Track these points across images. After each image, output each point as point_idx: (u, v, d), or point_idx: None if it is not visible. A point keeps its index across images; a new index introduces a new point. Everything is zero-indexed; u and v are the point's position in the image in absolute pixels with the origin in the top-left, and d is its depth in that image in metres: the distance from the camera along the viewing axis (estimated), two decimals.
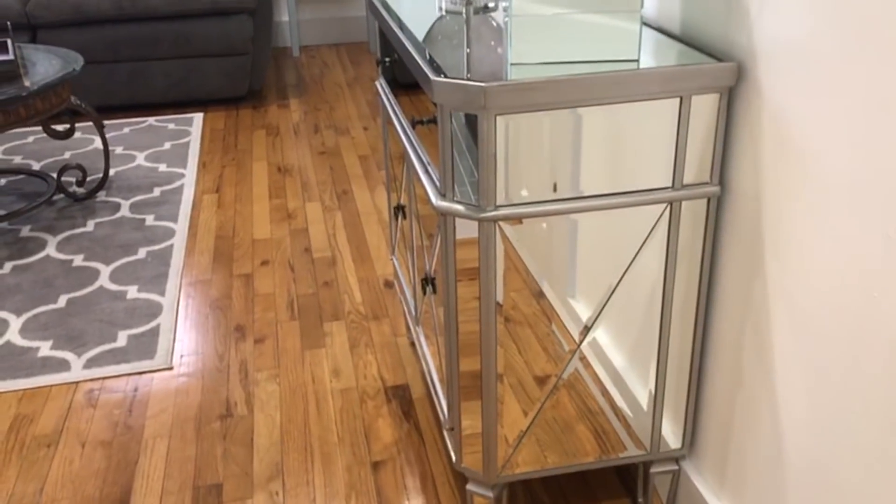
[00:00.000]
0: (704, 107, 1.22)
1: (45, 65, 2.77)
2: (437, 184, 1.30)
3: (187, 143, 3.51)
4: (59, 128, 3.52)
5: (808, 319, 1.11)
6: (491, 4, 1.70)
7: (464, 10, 1.69)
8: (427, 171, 1.38)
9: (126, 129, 3.69)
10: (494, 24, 1.51)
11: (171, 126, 3.72)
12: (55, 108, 2.70)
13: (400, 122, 1.60)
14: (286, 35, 4.97)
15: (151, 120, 3.80)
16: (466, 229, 1.26)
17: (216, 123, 3.77)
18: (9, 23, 2.74)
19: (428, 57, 1.29)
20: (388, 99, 1.72)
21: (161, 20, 3.72)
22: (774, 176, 1.15)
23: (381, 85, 1.83)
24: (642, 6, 1.19)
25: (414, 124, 1.38)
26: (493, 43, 1.38)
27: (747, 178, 1.22)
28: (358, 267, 2.51)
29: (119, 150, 3.46)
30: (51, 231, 2.76)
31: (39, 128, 3.67)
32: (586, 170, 1.24)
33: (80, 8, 3.61)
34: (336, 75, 4.46)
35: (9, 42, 2.72)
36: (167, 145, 3.50)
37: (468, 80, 1.15)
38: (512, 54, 1.23)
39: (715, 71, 1.18)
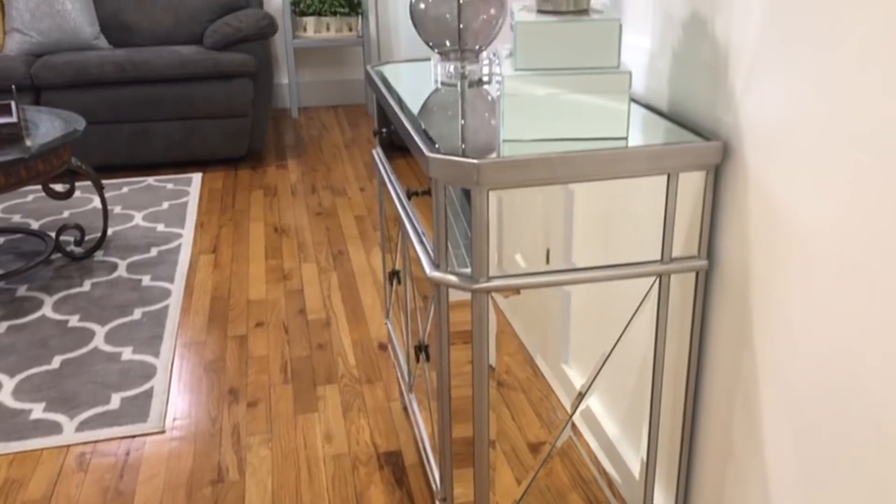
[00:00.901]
0: (692, 183, 1.25)
1: (48, 126, 2.81)
2: (431, 254, 1.32)
3: (185, 203, 3.55)
4: (59, 188, 3.56)
5: (795, 392, 1.13)
6: (485, 78, 1.75)
7: (459, 84, 1.73)
8: (422, 241, 1.40)
9: (125, 189, 3.73)
10: (489, 97, 1.56)
11: (170, 186, 3.76)
12: (56, 170, 2.74)
13: (396, 192, 1.63)
14: (286, 97, 5.06)
15: (151, 180, 3.85)
16: (460, 292, 1.28)
17: (215, 183, 3.82)
18: (14, 86, 2.79)
19: (423, 131, 1.33)
20: (385, 168, 1.75)
21: (163, 83, 3.79)
22: (761, 251, 1.18)
23: (377, 154, 1.86)
24: (630, 87, 1.23)
25: (409, 195, 1.41)
26: (486, 114, 1.42)
27: (735, 253, 1.25)
28: (352, 328, 2.52)
29: (118, 209, 3.49)
30: (47, 291, 2.77)
31: (39, 186, 3.71)
32: (578, 242, 1.27)
33: (83, 70, 3.68)
34: (334, 136, 4.53)
35: (13, 104, 2.77)
36: (165, 205, 3.53)
37: (462, 156, 1.19)
38: (505, 131, 1.26)
39: (701, 150, 1.22)
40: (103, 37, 4.06)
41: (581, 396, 1.40)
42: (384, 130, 1.78)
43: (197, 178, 3.87)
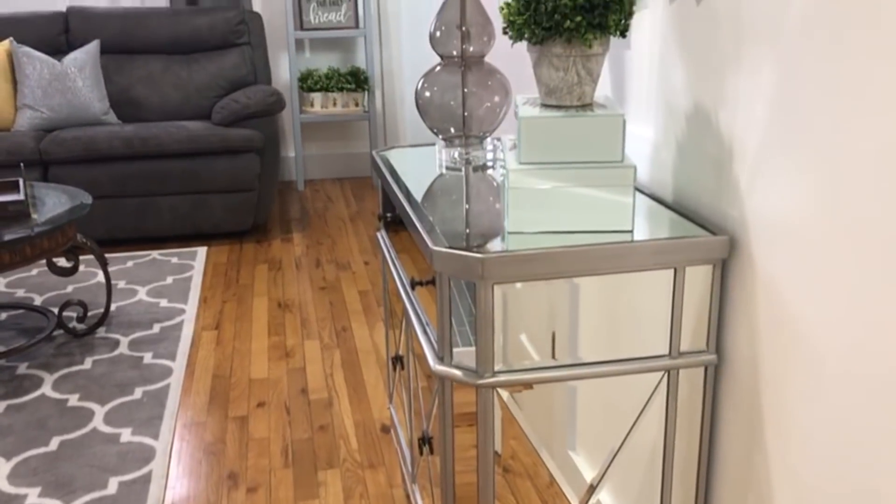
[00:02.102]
0: (699, 277, 1.24)
1: (54, 203, 2.83)
2: (435, 346, 1.30)
3: (189, 278, 3.55)
4: (65, 263, 3.56)
5: (810, 491, 1.09)
6: (489, 164, 1.75)
7: (463, 169, 1.74)
8: (426, 332, 1.38)
9: (130, 263, 3.74)
10: (493, 183, 1.56)
11: (175, 260, 3.77)
12: (61, 247, 2.75)
13: (400, 278, 1.62)
14: (292, 170, 5.11)
15: (155, 254, 3.85)
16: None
17: (219, 257, 3.82)
18: (22, 164, 2.82)
19: (428, 222, 1.32)
20: (389, 252, 1.75)
21: (170, 158, 3.83)
22: (770, 345, 1.16)
23: (382, 237, 1.86)
24: (635, 181, 1.23)
25: (413, 285, 1.40)
26: (490, 202, 1.42)
27: (743, 347, 1.23)
28: (354, 409, 2.48)
29: (122, 284, 3.49)
30: (48, 368, 2.74)
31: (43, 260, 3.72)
32: (584, 335, 1.25)
33: (91, 145, 3.72)
34: (339, 209, 4.55)
35: (21, 182, 2.79)
36: (169, 280, 3.53)
37: (466, 249, 1.18)
38: (509, 223, 1.26)
39: (707, 244, 1.21)
40: (113, 112, 4.12)
41: (592, 490, 1.36)
42: (388, 215, 1.78)
43: (202, 251, 3.88)
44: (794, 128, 1.06)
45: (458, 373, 1.24)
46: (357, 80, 4.80)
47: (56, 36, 4.21)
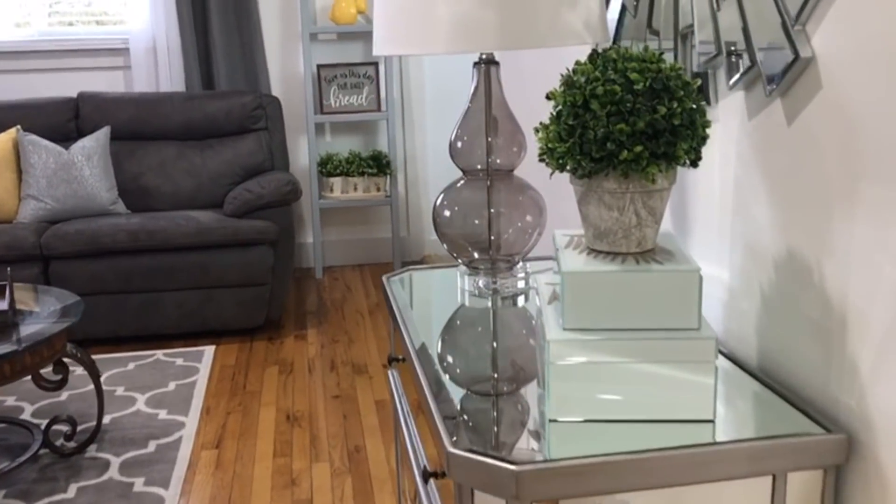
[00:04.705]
0: (804, 484, 0.93)
1: (43, 312, 2.59)
2: None
3: (193, 384, 3.27)
4: (52, 376, 3.29)
5: None
6: (520, 294, 1.47)
7: (490, 304, 1.46)
8: None
9: (131, 365, 3.47)
10: (530, 320, 1.28)
11: (180, 362, 3.50)
12: (46, 362, 2.49)
13: (414, 455, 1.32)
14: (310, 256, 4.87)
15: (160, 353, 3.59)
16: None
17: (227, 358, 3.55)
18: (9, 268, 2.59)
19: (444, 404, 1.03)
20: (401, 406, 1.45)
21: (178, 251, 3.60)
22: None
23: (392, 382, 1.57)
24: (717, 356, 0.94)
25: (426, 477, 1.10)
26: (525, 349, 1.13)
27: None
28: None
29: (120, 390, 3.22)
30: (26, 498, 2.46)
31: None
32: None
33: (95, 239, 3.51)
34: (358, 300, 4.29)
35: (7, 287, 2.56)
36: (172, 385, 3.26)
37: (493, 455, 0.89)
38: (551, 407, 0.97)
39: (818, 445, 0.91)
40: (121, 202, 3.93)
41: None
42: (402, 358, 1.50)
43: (209, 351, 3.61)
44: None
45: None
46: (379, 164, 4.59)
47: (66, 122, 4.05)
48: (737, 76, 1.07)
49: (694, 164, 0.98)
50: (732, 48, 1.08)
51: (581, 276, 0.95)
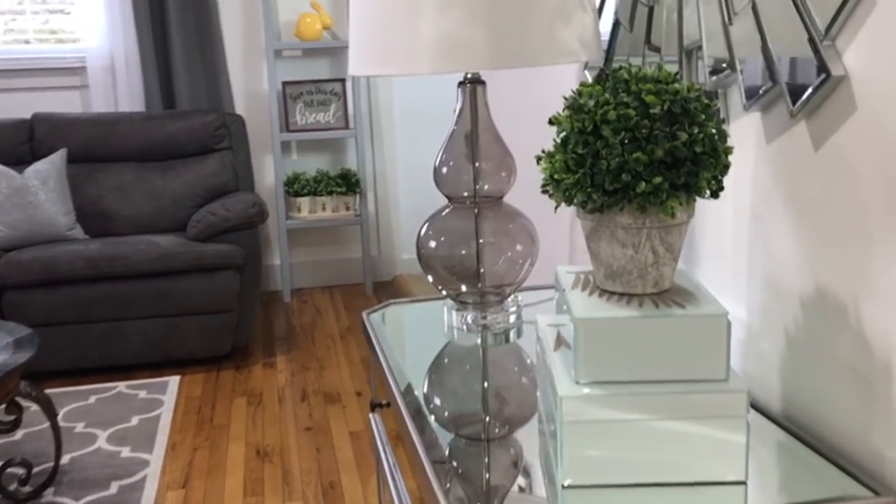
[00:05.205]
0: None
1: None
2: None
3: (158, 417, 3.11)
4: (3, 417, 3.11)
5: None
6: (511, 329, 1.37)
7: (478, 337, 1.35)
8: None
9: (92, 399, 3.30)
10: (521, 352, 1.17)
11: (143, 394, 3.33)
12: None
13: (399, 498, 1.21)
14: (278, 279, 4.73)
15: (122, 386, 3.42)
16: None
17: (193, 389, 3.39)
18: None
19: (436, 474, 0.92)
20: (386, 458, 1.33)
21: (140, 278, 3.44)
22: None
23: (375, 426, 1.45)
24: (748, 409, 0.84)
25: None
26: (521, 392, 1.03)
27: None
28: None
29: (79, 427, 3.05)
30: None
31: None
32: None
33: (51, 267, 3.34)
34: (328, 325, 4.15)
35: None
36: (135, 420, 3.10)
37: None
38: (564, 471, 0.86)
39: None
40: (79, 227, 3.76)
41: None
42: (386, 403, 1.38)
43: (174, 382, 3.45)
44: None
45: None
46: (348, 183, 4.47)
47: (19, 145, 3.87)
48: (754, 96, 0.98)
49: (715, 194, 0.89)
50: (743, 65, 0.99)
51: (596, 324, 0.85)
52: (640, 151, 0.83)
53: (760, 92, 0.96)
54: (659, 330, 0.85)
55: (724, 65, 1.03)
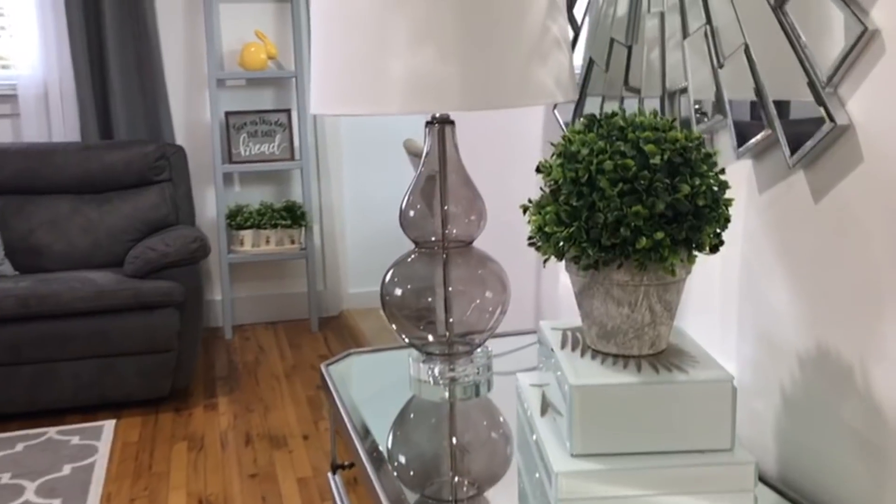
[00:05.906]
0: None
1: None
2: None
3: (91, 466, 2.93)
4: None
5: None
6: (481, 383, 1.29)
7: (446, 391, 1.27)
8: None
9: (20, 447, 3.10)
10: (491, 406, 1.10)
11: (75, 440, 3.15)
12: None
13: None
14: (218, 315, 4.57)
15: (53, 431, 3.23)
16: None
17: (130, 434, 3.22)
18: None
19: None
20: None
21: (73, 317, 3.26)
22: None
23: (334, 484, 1.36)
24: (756, 482, 0.78)
25: None
26: (488, 427, 0.95)
27: None
28: None
29: (6, 478, 2.85)
30: None
31: None
32: None
33: None
34: (272, 363, 4.01)
35: None
36: (66, 469, 2.91)
37: None
38: None
39: None
40: (9, 263, 3.56)
41: None
42: (349, 465, 1.29)
43: (109, 426, 3.27)
44: None
45: None
46: (293, 216, 4.36)
47: None
48: (746, 142, 0.93)
49: (715, 249, 0.83)
50: (732, 109, 0.95)
51: (593, 391, 0.78)
52: (640, 205, 0.76)
53: (756, 139, 0.91)
54: (660, 397, 0.78)
55: (713, 109, 0.98)
